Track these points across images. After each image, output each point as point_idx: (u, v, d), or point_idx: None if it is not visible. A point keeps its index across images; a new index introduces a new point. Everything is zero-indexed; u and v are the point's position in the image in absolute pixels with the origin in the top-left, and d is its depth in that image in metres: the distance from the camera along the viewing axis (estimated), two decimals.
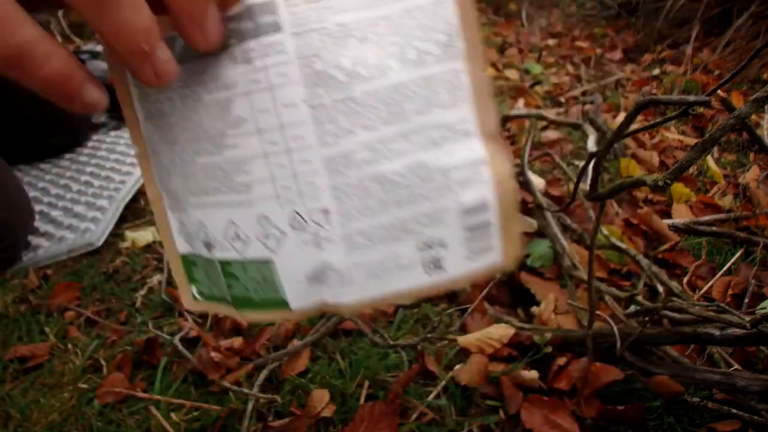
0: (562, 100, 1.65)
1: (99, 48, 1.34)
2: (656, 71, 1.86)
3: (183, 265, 0.30)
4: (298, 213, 0.25)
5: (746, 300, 0.75)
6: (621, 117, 1.44)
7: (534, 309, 0.72)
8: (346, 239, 0.25)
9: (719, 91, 0.41)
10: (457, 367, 0.62)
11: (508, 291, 0.80)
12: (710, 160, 1.13)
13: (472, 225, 0.25)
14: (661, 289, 0.72)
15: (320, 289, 0.26)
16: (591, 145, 0.79)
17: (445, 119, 0.24)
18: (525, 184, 0.87)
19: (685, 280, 0.78)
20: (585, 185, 0.95)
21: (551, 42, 2.40)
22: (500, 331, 0.65)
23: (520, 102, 1.64)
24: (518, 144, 1.32)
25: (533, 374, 0.60)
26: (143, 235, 0.94)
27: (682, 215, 0.94)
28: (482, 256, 0.26)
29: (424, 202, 0.25)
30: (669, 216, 0.95)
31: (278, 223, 0.25)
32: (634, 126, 0.46)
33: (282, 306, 0.27)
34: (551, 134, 1.34)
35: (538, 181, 0.98)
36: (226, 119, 0.24)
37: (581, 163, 1.19)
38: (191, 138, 0.25)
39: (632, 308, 0.68)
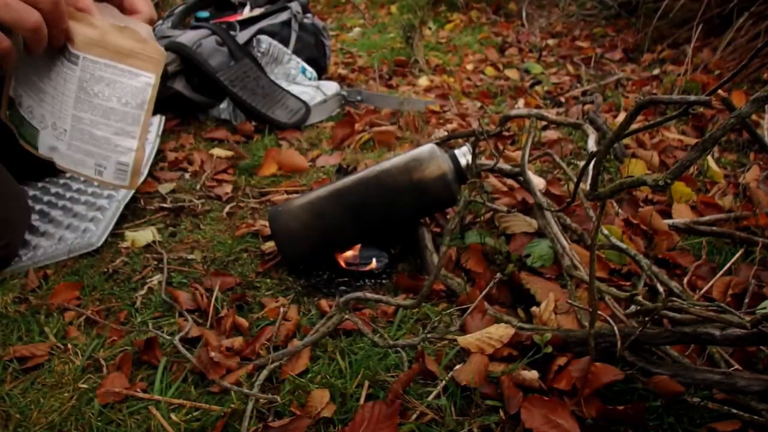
0: (562, 100, 1.65)
1: None
2: (656, 71, 1.86)
3: (8, 101, 0.66)
4: (55, 123, 0.64)
5: (746, 300, 0.75)
6: (621, 117, 1.44)
7: (534, 309, 0.72)
8: (68, 144, 0.64)
9: (720, 91, 0.41)
10: (457, 367, 0.62)
11: (508, 291, 0.80)
12: (710, 160, 1.13)
13: (120, 169, 0.65)
14: (661, 289, 0.72)
15: (52, 153, 0.66)
16: (591, 145, 0.79)
17: (127, 129, 0.63)
18: (525, 184, 0.86)
19: (685, 280, 0.78)
20: (585, 185, 0.95)
21: (551, 42, 2.40)
22: (500, 331, 0.65)
23: (520, 102, 1.64)
24: (518, 144, 1.32)
25: (533, 374, 0.60)
26: (143, 235, 0.94)
27: (682, 215, 0.94)
28: (122, 180, 0.66)
29: (104, 152, 0.64)
30: (669, 216, 0.95)
31: (47, 121, 0.64)
32: (634, 125, 0.46)
33: (36, 150, 0.67)
34: (551, 134, 1.34)
35: (538, 181, 0.98)
36: (50, 76, 0.62)
37: (581, 163, 1.19)
38: (35, 72, 0.63)
39: (632, 308, 0.68)
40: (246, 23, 1.60)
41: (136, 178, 0.68)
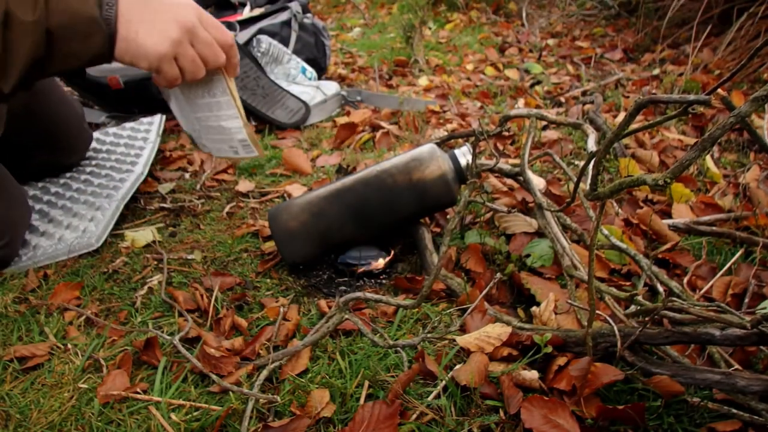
0: (562, 100, 1.65)
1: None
2: (656, 71, 1.86)
3: (190, 138, 0.94)
4: (196, 129, 0.88)
5: (746, 300, 0.75)
6: (621, 116, 1.44)
7: (534, 309, 0.72)
8: (209, 140, 0.88)
9: (719, 90, 0.41)
10: (457, 367, 0.62)
11: (508, 291, 0.80)
12: (709, 161, 1.13)
13: (242, 145, 0.84)
14: (661, 289, 0.72)
15: (211, 151, 0.90)
16: (591, 144, 0.79)
17: (227, 113, 0.81)
18: (525, 184, 0.86)
19: (685, 280, 0.78)
20: (585, 185, 0.95)
21: (551, 42, 2.40)
22: (497, 330, 0.65)
23: (520, 102, 1.64)
24: (518, 144, 1.32)
25: (533, 374, 0.60)
26: (143, 235, 0.94)
27: (682, 215, 0.94)
28: (252, 152, 0.85)
29: (226, 137, 0.84)
30: (669, 216, 0.95)
31: (192, 129, 0.90)
32: (634, 125, 0.46)
33: (202, 151, 0.96)
34: (551, 134, 1.34)
35: (538, 181, 0.98)
36: (177, 98, 0.86)
37: (581, 163, 1.19)
38: (184, 103, 0.85)
39: (632, 308, 0.68)
40: (246, 23, 1.60)
41: (260, 146, 0.88)
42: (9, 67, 0.64)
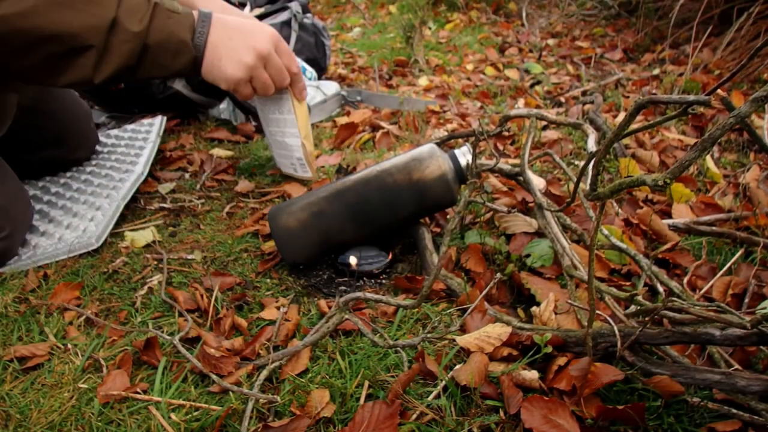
0: (562, 100, 1.65)
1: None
2: (656, 71, 1.86)
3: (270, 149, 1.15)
4: (269, 142, 1.11)
5: (746, 300, 0.75)
6: (621, 116, 1.44)
7: (534, 309, 0.72)
8: (276, 152, 1.10)
9: (719, 90, 0.41)
10: (457, 367, 0.62)
11: (508, 291, 0.80)
12: (710, 161, 1.13)
13: (300, 163, 1.05)
14: (661, 289, 0.72)
15: (278, 166, 1.14)
16: (591, 144, 0.79)
17: (291, 131, 1.00)
18: (525, 184, 0.86)
19: (685, 280, 0.78)
20: (585, 185, 0.95)
21: (551, 42, 2.40)
22: (497, 330, 0.65)
23: (520, 102, 1.64)
24: (518, 144, 1.32)
25: (533, 374, 0.60)
26: (143, 235, 0.94)
27: (682, 215, 0.94)
28: (307, 173, 1.06)
29: (288, 152, 1.05)
30: (669, 216, 0.95)
31: (268, 141, 1.11)
32: (634, 125, 0.46)
33: (274, 167, 1.18)
34: (551, 134, 1.34)
35: (538, 181, 0.98)
36: (261, 118, 1.07)
37: (581, 163, 1.19)
38: (262, 117, 1.06)
39: (632, 308, 0.68)
40: None
41: (314, 169, 1.01)
42: (104, 65, 0.74)
